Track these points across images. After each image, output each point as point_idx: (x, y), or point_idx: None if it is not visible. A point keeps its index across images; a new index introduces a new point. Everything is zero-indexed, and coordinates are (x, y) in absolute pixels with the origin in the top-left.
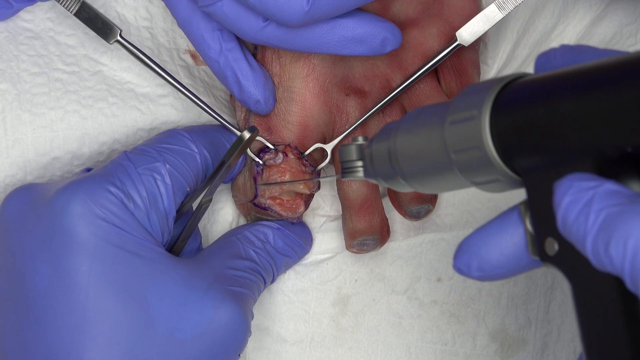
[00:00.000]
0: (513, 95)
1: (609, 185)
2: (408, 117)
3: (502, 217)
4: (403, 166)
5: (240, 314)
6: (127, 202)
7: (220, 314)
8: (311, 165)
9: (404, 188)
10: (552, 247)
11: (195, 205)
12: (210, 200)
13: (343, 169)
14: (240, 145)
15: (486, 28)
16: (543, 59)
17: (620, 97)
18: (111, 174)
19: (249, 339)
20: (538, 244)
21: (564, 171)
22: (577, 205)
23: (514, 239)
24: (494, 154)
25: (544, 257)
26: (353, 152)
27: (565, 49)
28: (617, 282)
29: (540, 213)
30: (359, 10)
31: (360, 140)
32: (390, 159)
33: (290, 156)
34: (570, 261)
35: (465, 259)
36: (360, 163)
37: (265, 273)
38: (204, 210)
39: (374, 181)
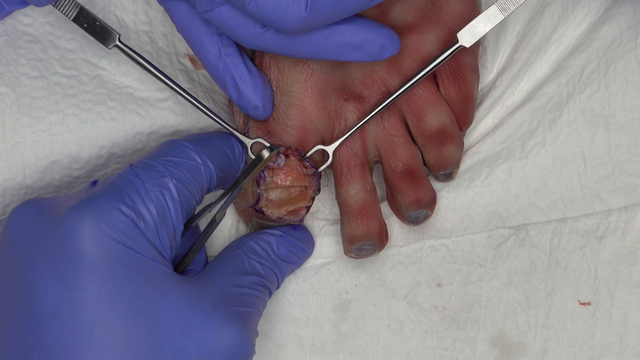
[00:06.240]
0: None
1: None
2: None
3: None
4: None
5: (244, 336)
6: (138, 221)
7: (224, 336)
8: (312, 167)
9: None
10: None
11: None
12: (224, 214)
13: None
14: (259, 164)
15: (487, 29)
16: None
17: None
18: (121, 191)
19: None
20: None
21: None
22: None
23: None
24: None
25: None
26: None
27: None
28: None
29: None
30: (358, 16)
31: None
32: None
33: (292, 158)
34: None
35: None
36: None
37: (270, 284)
38: (217, 224)
39: None
